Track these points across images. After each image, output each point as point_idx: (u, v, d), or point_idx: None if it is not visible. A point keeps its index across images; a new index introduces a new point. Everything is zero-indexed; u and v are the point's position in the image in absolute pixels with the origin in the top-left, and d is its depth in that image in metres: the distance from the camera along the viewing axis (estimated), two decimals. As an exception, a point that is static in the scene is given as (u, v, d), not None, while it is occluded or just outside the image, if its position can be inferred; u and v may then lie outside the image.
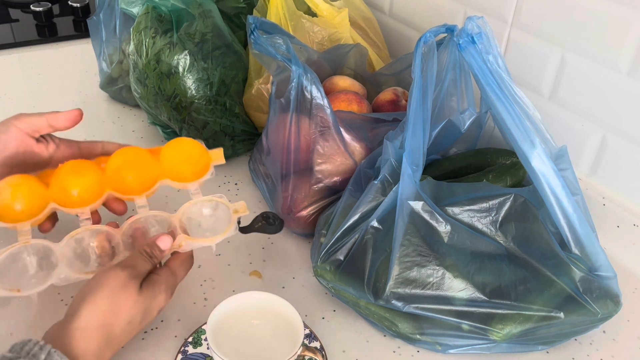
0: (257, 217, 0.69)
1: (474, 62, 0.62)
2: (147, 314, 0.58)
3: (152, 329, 0.66)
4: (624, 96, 0.74)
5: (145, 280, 0.59)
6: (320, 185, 0.77)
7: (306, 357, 0.61)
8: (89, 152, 0.73)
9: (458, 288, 0.62)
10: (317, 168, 0.76)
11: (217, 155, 0.73)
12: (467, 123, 0.74)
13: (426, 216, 0.63)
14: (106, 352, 0.55)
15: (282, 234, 0.81)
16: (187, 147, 0.72)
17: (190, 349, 0.62)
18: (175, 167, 0.71)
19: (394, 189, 0.64)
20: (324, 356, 0.62)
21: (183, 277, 0.64)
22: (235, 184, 0.91)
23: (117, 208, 0.71)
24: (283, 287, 0.73)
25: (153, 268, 0.61)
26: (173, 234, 0.64)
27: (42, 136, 0.71)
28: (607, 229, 0.80)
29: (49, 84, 1.15)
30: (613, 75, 0.75)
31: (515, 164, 0.72)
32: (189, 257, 0.65)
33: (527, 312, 0.62)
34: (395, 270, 0.62)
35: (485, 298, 0.62)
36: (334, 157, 0.76)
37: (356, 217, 0.66)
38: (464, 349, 0.64)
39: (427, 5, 1.00)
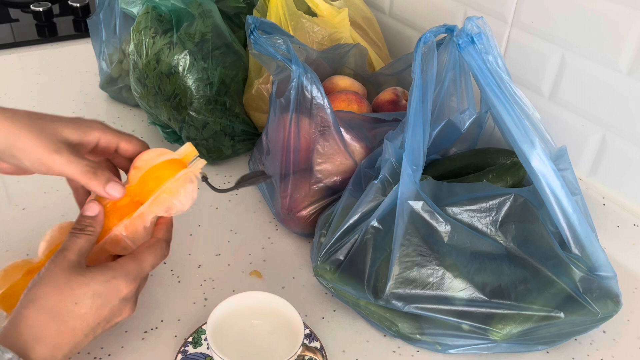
0: (238, 178, 0.63)
1: (473, 62, 0.62)
2: (102, 299, 0.54)
3: (152, 329, 0.66)
4: (624, 96, 0.74)
5: (98, 265, 0.56)
6: (320, 185, 0.77)
7: (306, 357, 0.61)
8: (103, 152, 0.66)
9: (458, 288, 0.62)
10: (317, 168, 0.76)
11: (190, 153, 0.62)
12: (467, 123, 0.74)
13: (426, 216, 0.63)
14: (60, 338, 0.52)
15: (282, 234, 0.82)
16: (168, 172, 0.60)
17: (190, 349, 0.62)
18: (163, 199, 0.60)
19: (394, 189, 0.64)
20: (324, 356, 0.62)
21: (152, 264, 0.58)
22: (235, 183, 0.91)
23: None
24: (283, 287, 0.73)
25: (94, 241, 0.57)
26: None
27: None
28: (607, 229, 0.80)
29: (49, 84, 1.15)
30: (613, 75, 0.75)
31: (515, 163, 0.72)
32: (157, 242, 0.59)
33: (527, 312, 0.62)
34: (395, 270, 0.62)
35: (485, 298, 0.62)
36: (334, 157, 0.76)
37: (356, 217, 0.66)
38: (464, 349, 0.64)
39: (427, 5, 1.00)
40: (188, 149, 0.62)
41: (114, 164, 0.65)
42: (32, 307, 0.52)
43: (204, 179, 0.61)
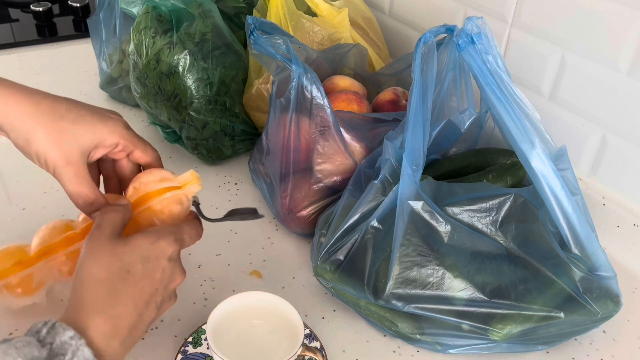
0: (229, 211, 0.63)
1: (473, 62, 0.62)
2: (152, 262, 0.53)
3: (152, 329, 0.66)
4: (624, 96, 0.74)
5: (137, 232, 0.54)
6: (320, 185, 0.77)
7: (306, 357, 0.61)
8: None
9: (458, 288, 0.62)
10: (317, 168, 0.76)
11: (191, 182, 0.61)
12: (467, 123, 0.74)
13: (426, 216, 0.63)
14: (120, 309, 0.50)
15: (282, 234, 0.82)
16: (164, 208, 0.60)
17: (190, 349, 0.62)
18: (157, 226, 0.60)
19: (394, 189, 0.64)
20: (324, 356, 0.62)
21: (189, 234, 0.57)
22: (235, 183, 0.91)
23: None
24: (283, 287, 0.73)
25: (126, 215, 0.56)
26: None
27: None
28: (607, 229, 0.80)
29: (49, 84, 1.15)
30: (613, 75, 0.75)
31: (515, 163, 0.72)
32: (193, 218, 0.59)
33: (527, 312, 0.62)
34: (395, 270, 0.62)
35: (485, 298, 0.62)
36: (334, 157, 0.76)
37: (356, 217, 0.66)
38: (464, 349, 0.64)
39: (427, 5, 1.00)
40: (189, 178, 0.61)
41: (112, 167, 0.64)
42: (85, 284, 0.50)
43: (195, 204, 0.60)
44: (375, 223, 0.65)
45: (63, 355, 0.44)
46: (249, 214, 0.61)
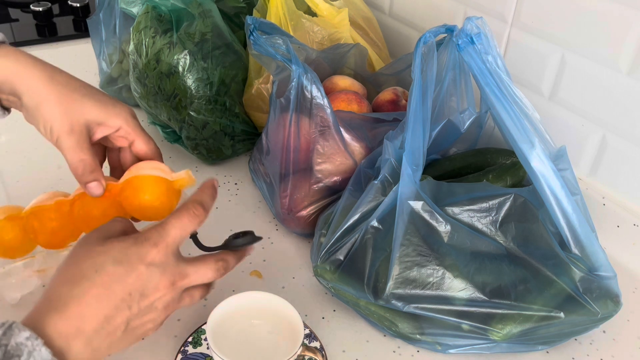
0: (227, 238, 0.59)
1: (472, 62, 0.62)
2: (124, 266, 0.50)
3: (152, 329, 0.66)
4: (624, 96, 0.74)
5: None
6: (320, 185, 0.77)
7: (306, 357, 0.61)
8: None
9: (458, 288, 0.62)
10: (317, 168, 0.76)
11: (184, 181, 0.61)
12: (467, 123, 0.74)
13: (426, 216, 0.63)
14: (84, 308, 0.48)
15: (282, 234, 0.82)
16: (147, 188, 0.60)
17: (190, 349, 0.62)
18: (139, 211, 0.61)
19: (394, 188, 0.64)
20: (324, 356, 0.62)
21: (177, 226, 0.53)
22: (235, 183, 0.91)
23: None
24: (283, 287, 0.73)
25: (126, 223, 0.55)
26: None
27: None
28: (607, 229, 0.80)
29: (49, 83, 1.15)
30: (613, 75, 0.75)
31: (515, 163, 0.72)
32: (184, 205, 0.55)
33: (527, 312, 0.62)
34: (395, 270, 0.62)
35: (485, 298, 0.62)
36: (334, 157, 0.76)
37: (356, 217, 0.66)
38: (464, 349, 0.64)
39: (427, 5, 1.00)
40: (183, 176, 0.60)
41: (119, 157, 0.65)
42: (52, 283, 0.49)
43: (193, 236, 0.56)
44: (375, 223, 0.65)
45: (18, 356, 0.43)
46: (248, 241, 0.58)
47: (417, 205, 0.63)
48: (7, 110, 0.62)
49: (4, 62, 0.58)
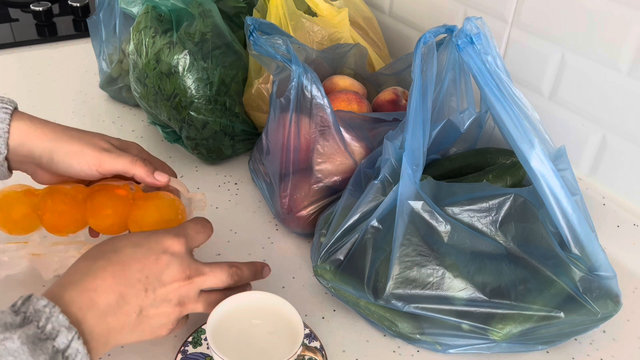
0: None
1: (472, 62, 0.62)
2: (143, 249, 0.53)
3: (152, 329, 0.66)
4: (624, 96, 0.74)
5: None
6: (320, 185, 0.77)
7: (306, 357, 0.61)
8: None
9: (458, 288, 0.62)
10: (317, 168, 0.76)
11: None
12: (467, 123, 0.74)
13: (426, 216, 0.63)
14: (99, 282, 0.50)
15: (282, 234, 0.82)
16: (163, 212, 0.65)
17: (190, 349, 0.62)
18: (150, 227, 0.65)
19: (394, 188, 0.64)
20: (324, 356, 0.62)
21: (197, 231, 0.59)
22: (235, 183, 0.91)
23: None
24: (283, 287, 0.73)
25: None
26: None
27: None
28: (607, 229, 0.80)
29: (49, 83, 1.15)
30: (613, 75, 0.75)
31: (515, 163, 0.72)
32: (204, 219, 0.62)
33: (527, 312, 0.62)
34: (395, 270, 0.62)
35: (485, 298, 0.62)
36: (334, 157, 0.76)
37: (356, 216, 0.66)
38: (464, 349, 0.64)
39: (427, 5, 1.00)
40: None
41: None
42: (74, 263, 0.52)
43: None
44: (375, 223, 0.65)
45: (37, 321, 0.45)
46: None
47: (417, 205, 0.63)
48: (11, 172, 0.65)
49: (18, 125, 0.61)
